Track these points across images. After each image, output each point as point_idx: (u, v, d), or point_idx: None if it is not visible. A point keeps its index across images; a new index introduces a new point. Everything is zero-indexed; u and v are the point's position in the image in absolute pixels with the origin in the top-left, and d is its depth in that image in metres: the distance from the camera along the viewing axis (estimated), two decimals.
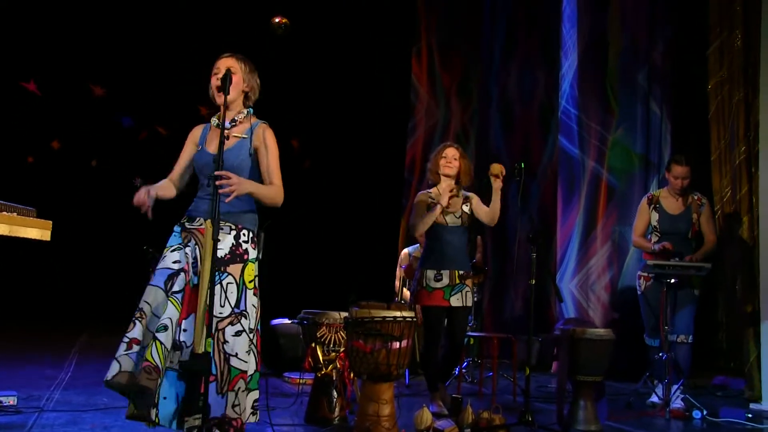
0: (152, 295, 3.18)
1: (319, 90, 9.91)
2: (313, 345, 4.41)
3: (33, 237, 4.42)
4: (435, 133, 9.28)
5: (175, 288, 3.18)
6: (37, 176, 9.83)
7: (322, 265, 9.68)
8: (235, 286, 3.25)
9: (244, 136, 3.39)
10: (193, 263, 3.23)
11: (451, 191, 4.71)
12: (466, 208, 4.81)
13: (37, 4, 9.10)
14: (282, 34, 8.57)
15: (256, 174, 3.41)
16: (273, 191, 3.38)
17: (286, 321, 6.21)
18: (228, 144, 3.30)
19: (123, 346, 3.11)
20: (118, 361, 3.08)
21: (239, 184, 3.18)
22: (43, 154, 10.13)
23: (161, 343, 3.07)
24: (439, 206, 4.67)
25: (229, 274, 3.25)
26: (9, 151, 9.79)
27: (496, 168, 4.67)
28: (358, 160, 9.92)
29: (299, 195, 9.69)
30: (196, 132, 3.52)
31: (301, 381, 5.17)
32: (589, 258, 7.55)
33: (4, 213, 4.19)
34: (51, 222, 4.56)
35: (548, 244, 7.82)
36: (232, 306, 3.22)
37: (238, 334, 3.21)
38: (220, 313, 3.18)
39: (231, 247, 3.29)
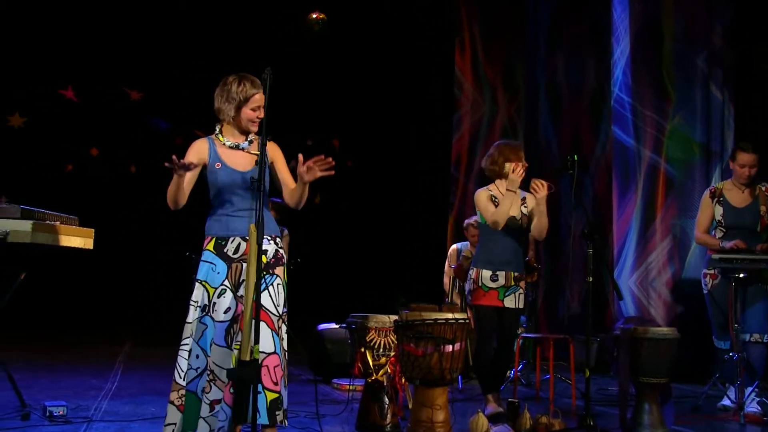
0: (219, 356, 3.37)
1: (358, 87, 9.93)
2: (363, 350, 4.42)
3: (76, 246, 4.54)
4: (481, 127, 9.24)
5: (238, 337, 3.35)
6: (76, 184, 10.04)
7: (368, 267, 9.69)
8: (282, 287, 3.53)
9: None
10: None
11: (518, 172, 4.67)
12: (524, 209, 4.79)
13: (69, 10, 9.29)
14: (319, 30, 8.61)
15: (272, 186, 3.63)
16: (307, 194, 3.57)
17: (333, 326, 6.24)
18: (250, 162, 3.56)
19: (206, 408, 3.36)
20: (207, 423, 3.35)
21: (311, 177, 3.40)
22: (82, 161, 10.34)
23: None
24: (509, 194, 4.64)
25: (277, 275, 3.52)
26: (48, 159, 10.02)
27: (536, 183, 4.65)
28: (402, 158, 9.92)
29: (343, 196, 9.77)
30: (201, 147, 3.59)
31: (350, 387, 5.18)
32: (649, 253, 7.42)
33: (48, 222, 4.31)
34: (93, 230, 4.67)
35: (604, 240, 7.72)
36: (283, 305, 3.51)
37: (286, 332, 3.52)
38: (277, 312, 3.47)
39: (276, 254, 3.55)
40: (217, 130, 3.63)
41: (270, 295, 3.45)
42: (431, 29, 9.58)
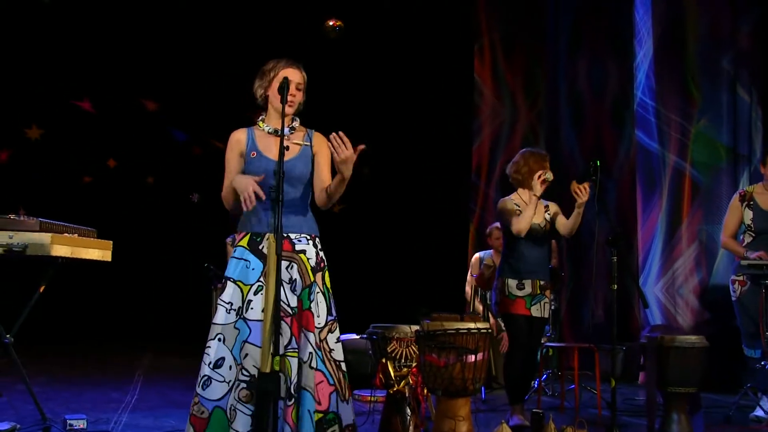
0: (257, 357, 3.19)
1: (376, 94, 9.94)
2: (384, 361, 4.41)
3: (94, 258, 4.57)
4: (501, 134, 9.21)
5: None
6: (94, 196, 10.12)
7: (388, 276, 9.68)
8: (322, 295, 3.36)
9: (305, 143, 3.45)
10: (292, 286, 3.31)
11: (542, 181, 4.68)
12: (547, 216, 4.82)
13: (83, 21, 9.39)
14: (336, 37, 8.65)
15: (311, 181, 3.47)
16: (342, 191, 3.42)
17: (354, 336, 6.24)
18: (293, 151, 3.36)
19: (246, 420, 3.15)
20: None
21: (350, 160, 3.22)
22: (100, 173, 10.43)
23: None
24: (533, 201, 4.64)
25: (316, 284, 3.35)
26: (66, 171, 10.12)
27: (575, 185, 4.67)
28: (421, 165, 9.90)
29: (361, 204, 9.77)
30: (240, 137, 3.44)
31: (372, 398, 5.17)
32: (675, 260, 7.36)
33: (66, 235, 4.35)
34: (111, 242, 4.71)
35: (629, 247, 7.66)
36: (326, 314, 3.35)
37: (338, 340, 3.39)
38: (319, 324, 3.30)
39: (315, 256, 3.39)
40: (260, 118, 3.49)
41: (311, 311, 3.30)
42: (450, 35, 9.58)
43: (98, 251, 4.57)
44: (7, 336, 4.30)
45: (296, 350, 3.24)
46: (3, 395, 5.19)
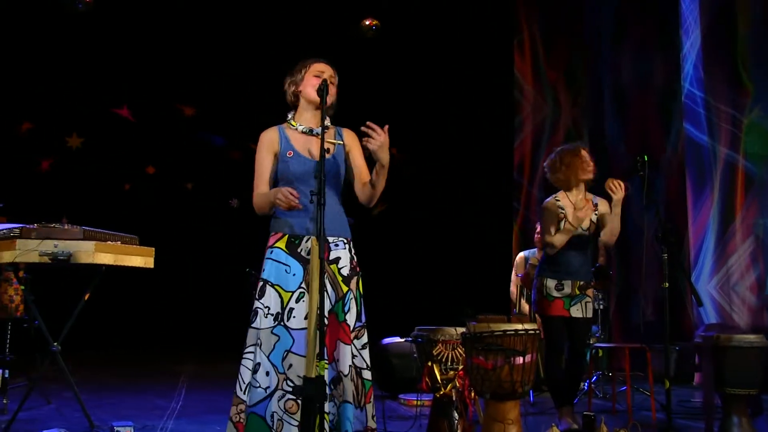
0: (302, 366, 3.17)
1: (415, 94, 9.93)
2: (430, 364, 4.39)
3: (137, 265, 4.65)
4: (544, 130, 9.15)
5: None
6: (134, 203, 10.28)
7: (432, 277, 9.67)
8: (354, 301, 3.31)
9: (339, 141, 3.42)
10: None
11: (587, 209, 4.61)
12: (594, 218, 4.72)
13: (120, 29, 9.53)
14: (373, 36, 8.67)
15: (345, 178, 3.44)
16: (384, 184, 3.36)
17: (399, 339, 6.23)
18: (329, 151, 3.32)
19: (294, 430, 3.14)
20: None
21: (384, 144, 3.16)
22: (139, 179, 10.58)
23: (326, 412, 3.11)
24: (569, 228, 4.60)
25: (350, 289, 3.31)
26: (106, 179, 10.29)
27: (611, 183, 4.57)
28: (463, 164, 9.87)
29: (404, 205, 9.77)
30: (272, 136, 3.38)
31: (418, 403, 5.16)
32: (729, 255, 7.22)
33: (109, 242, 4.43)
34: (153, 249, 4.78)
35: (679, 243, 7.54)
36: (355, 320, 3.30)
37: (364, 347, 3.32)
38: (350, 330, 3.26)
39: (350, 263, 3.34)
40: (290, 116, 3.43)
41: (347, 323, 3.26)
42: (488, 31, 9.53)
43: (141, 258, 4.65)
44: (54, 344, 4.38)
45: (326, 361, 3.19)
46: (51, 402, 5.29)
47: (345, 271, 3.32)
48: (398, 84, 9.86)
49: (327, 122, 3.39)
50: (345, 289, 3.29)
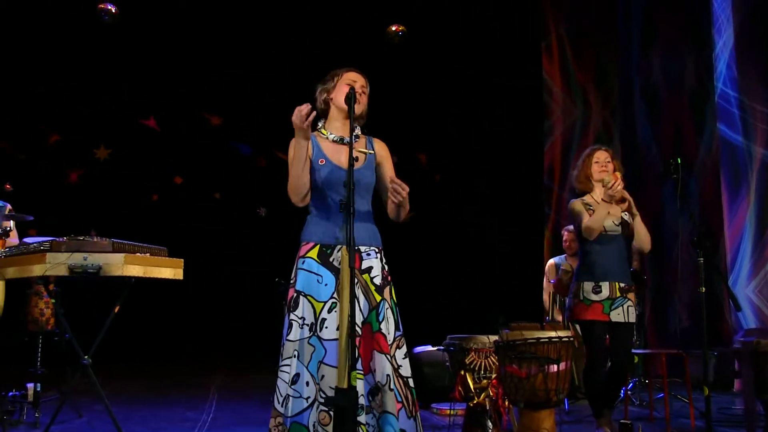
0: (334, 378, 3.16)
1: (442, 99, 9.93)
2: (462, 372, 4.38)
3: (166, 276, 4.67)
4: (574, 133, 9.10)
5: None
6: (162, 213, 10.36)
7: (463, 285, 9.64)
8: (390, 311, 3.31)
9: (370, 151, 3.43)
10: (359, 306, 3.27)
11: (617, 185, 4.54)
12: (626, 216, 4.64)
13: (145, 39, 9.65)
14: (399, 42, 8.69)
15: (380, 190, 3.45)
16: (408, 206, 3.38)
17: (430, 348, 6.22)
18: (359, 160, 3.33)
19: None
20: None
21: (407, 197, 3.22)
22: (167, 190, 10.67)
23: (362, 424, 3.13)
24: (604, 204, 4.52)
25: (384, 299, 3.30)
26: (134, 190, 10.40)
27: (609, 179, 4.51)
28: (492, 170, 9.84)
29: (433, 212, 9.76)
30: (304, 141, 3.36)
31: (451, 412, 5.13)
32: (767, 259, 7.11)
33: (138, 254, 4.45)
34: (182, 260, 4.80)
35: (715, 247, 7.44)
36: (394, 330, 3.30)
37: (406, 356, 3.32)
38: (389, 342, 3.26)
39: (381, 272, 3.34)
40: (320, 125, 3.45)
41: (381, 332, 3.25)
42: (516, 35, 9.50)
43: (170, 270, 4.66)
44: (85, 357, 4.42)
45: (362, 372, 3.21)
46: (83, 416, 5.35)
47: (377, 281, 3.31)
48: (427, 90, 9.87)
49: (358, 131, 3.41)
50: (378, 298, 3.29)
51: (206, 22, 9.72)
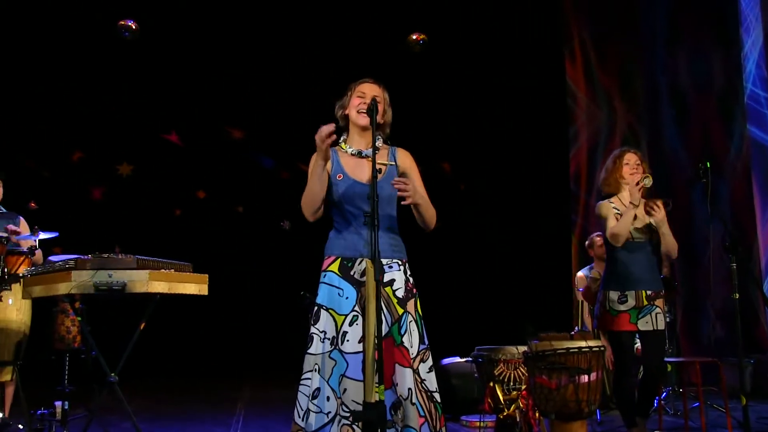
0: (357, 391, 3.17)
1: (465, 107, 9.93)
2: (491, 384, 4.37)
3: (191, 292, 4.70)
4: (599, 138, 9.05)
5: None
6: (185, 228, 10.43)
7: (489, 294, 9.59)
8: (415, 323, 3.31)
9: (391, 163, 3.44)
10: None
11: (639, 186, 4.49)
12: (653, 221, 4.58)
13: (167, 53, 9.75)
14: (420, 51, 8.71)
15: (400, 200, 3.43)
16: (432, 210, 3.40)
17: (458, 359, 6.20)
18: (381, 172, 3.32)
19: None
20: None
21: (414, 190, 3.23)
22: (190, 205, 10.75)
23: None
24: (632, 207, 4.48)
25: (408, 312, 3.30)
26: (157, 205, 10.49)
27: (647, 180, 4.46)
28: (517, 177, 9.81)
29: (458, 220, 9.73)
30: (326, 155, 3.35)
31: (481, 424, 5.12)
32: None
33: (163, 270, 4.49)
34: (207, 276, 4.83)
35: (748, 251, 7.35)
36: (418, 343, 3.29)
37: (431, 369, 3.30)
38: (412, 355, 3.25)
39: (405, 284, 3.34)
40: (341, 139, 3.46)
41: (404, 345, 3.24)
42: (538, 41, 9.47)
43: (195, 285, 4.70)
44: (112, 374, 4.46)
45: (383, 386, 3.19)
46: None
47: (400, 293, 3.31)
48: (449, 97, 9.87)
49: (379, 143, 3.42)
50: (400, 311, 3.28)
51: (227, 36, 9.81)
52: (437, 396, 3.29)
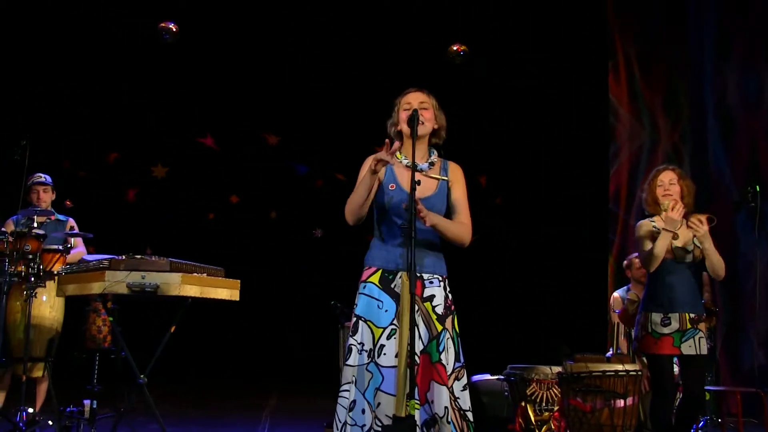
0: (391, 406, 3.17)
1: (504, 120, 9.91)
2: (523, 404, 4.35)
3: (223, 297, 4.74)
4: (641, 157, 8.95)
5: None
6: (218, 232, 10.53)
7: (524, 312, 9.54)
8: (452, 341, 3.31)
9: (443, 177, 3.47)
10: (418, 334, 3.26)
11: (678, 210, 4.41)
12: (696, 237, 4.50)
13: (204, 58, 9.86)
14: (461, 62, 8.72)
15: (449, 214, 3.46)
16: (458, 228, 3.40)
17: (488, 377, 6.17)
18: (430, 187, 3.40)
19: None
20: None
21: (427, 214, 3.22)
22: (223, 209, 10.84)
23: None
24: (666, 233, 4.40)
25: (446, 329, 3.30)
26: (191, 208, 10.59)
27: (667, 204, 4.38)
28: (555, 194, 9.75)
29: (493, 236, 9.71)
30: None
31: None
32: None
33: (195, 274, 4.54)
34: (239, 281, 4.87)
35: None
36: (454, 360, 3.29)
37: (465, 388, 3.30)
38: (447, 371, 3.25)
39: (444, 301, 3.35)
40: (398, 149, 3.45)
41: (441, 363, 3.25)
42: (581, 55, 9.43)
43: (227, 291, 4.73)
44: (141, 376, 4.51)
45: (419, 402, 3.19)
46: None
47: (439, 310, 3.32)
48: (488, 110, 9.87)
49: (434, 156, 3.49)
50: (440, 327, 3.29)
51: (267, 43, 9.90)
52: (470, 415, 3.29)
